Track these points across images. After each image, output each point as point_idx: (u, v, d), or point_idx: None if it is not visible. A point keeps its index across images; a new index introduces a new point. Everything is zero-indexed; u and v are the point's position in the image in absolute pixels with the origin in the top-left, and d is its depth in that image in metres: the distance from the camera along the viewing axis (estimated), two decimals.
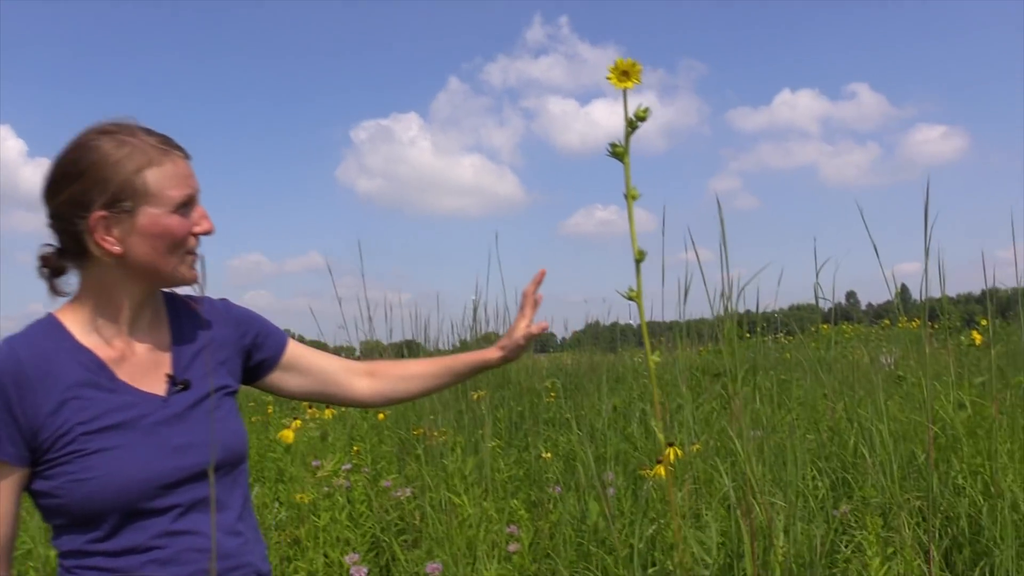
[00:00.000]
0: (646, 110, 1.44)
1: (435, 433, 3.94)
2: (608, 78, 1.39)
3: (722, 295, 2.50)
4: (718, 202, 2.26)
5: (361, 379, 1.47)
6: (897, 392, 3.60)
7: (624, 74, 1.39)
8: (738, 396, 2.44)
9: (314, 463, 3.43)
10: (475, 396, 4.35)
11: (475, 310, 5.41)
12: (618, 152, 1.46)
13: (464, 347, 5.47)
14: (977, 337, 2.96)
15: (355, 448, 3.94)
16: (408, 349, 5.94)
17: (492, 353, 1.52)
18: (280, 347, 1.38)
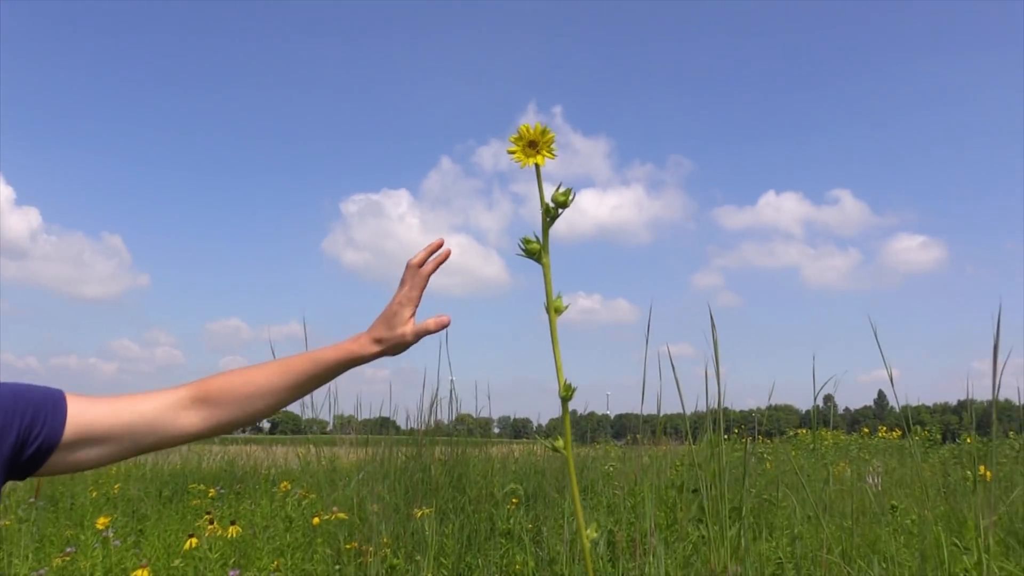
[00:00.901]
0: (567, 192, 1.09)
1: (370, 550, 3.47)
2: (511, 152, 1.05)
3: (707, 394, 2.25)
4: (710, 314, 1.95)
5: (188, 412, 1.12)
6: (892, 523, 3.19)
7: (531, 145, 1.04)
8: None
9: None
10: (418, 514, 3.88)
11: (451, 390, 5.19)
12: (532, 250, 1.11)
13: (439, 430, 5.22)
14: (987, 474, 2.59)
15: (275, 564, 3.44)
16: (382, 427, 5.78)
17: (366, 347, 1.14)
18: (56, 431, 1.05)
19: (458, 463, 4.81)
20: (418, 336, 1.14)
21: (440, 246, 1.16)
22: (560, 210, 1.10)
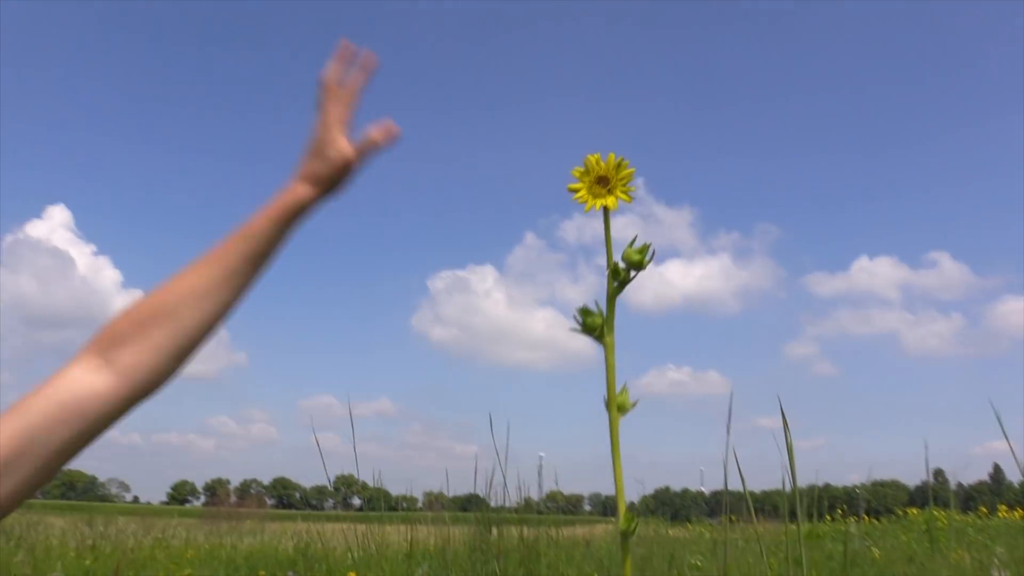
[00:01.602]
0: (644, 249, 0.85)
1: None
2: (575, 190, 0.81)
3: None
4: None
5: (100, 371, 0.76)
6: None
7: (601, 183, 0.80)
8: None
9: None
10: None
11: (540, 468, 5.06)
12: (591, 324, 0.86)
13: (529, 506, 5.04)
14: None
15: None
16: (472, 504, 5.66)
17: (301, 192, 0.86)
18: None
19: (531, 550, 4.50)
20: (363, 153, 0.88)
21: (352, 52, 0.90)
22: (633, 272, 0.85)
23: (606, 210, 0.82)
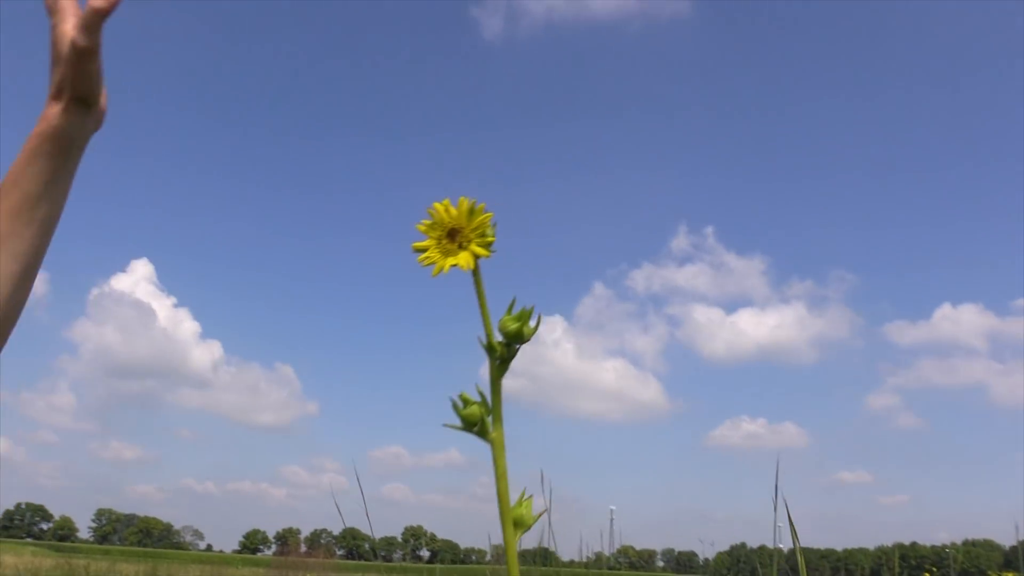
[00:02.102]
0: (522, 316, 0.66)
1: None
2: (420, 249, 0.64)
3: None
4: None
5: None
6: None
7: (452, 236, 0.62)
8: None
9: None
10: None
11: (611, 521, 4.82)
12: (469, 417, 0.68)
13: (600, 561, 4.81)
14: None
15: None
16: (542, 558, 5.56)
17: (53, 115, 0.70)
18: None
19: None
20: (91, 26, 0.68)
21: None
22: (516, 346, 0.66)
23: (475, 270, 0.64)
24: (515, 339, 0.66)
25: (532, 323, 0.66)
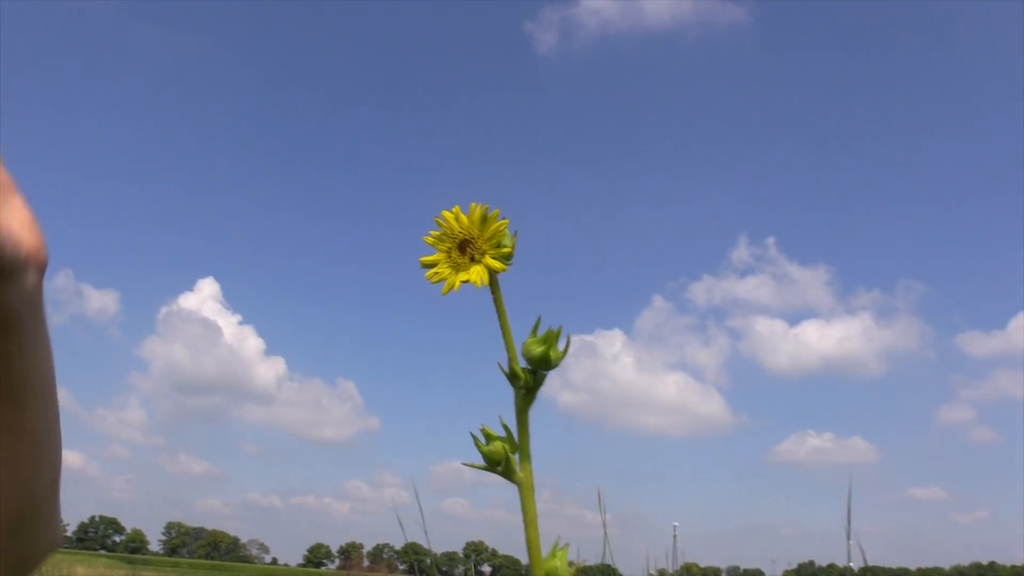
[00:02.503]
0: (552, 337, 0.58)
1: None
2: (428, 264, 0.56)
3: None
4: None
5: None
6: None
7: (463, 249, 0.54)
8: None
9: None
10: None
11: (674, 537, 4.73)
12: (493, 456, 0.61)
13: None
14: None
15: None
16: (603, 575, 5.52)
17: None
18: None
19: None
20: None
21: None
22: (543, 372, 0.57)
23: (494, 286, 0.56)
24: (540, 365, 0.57)
25: (561, 345, 0.58)
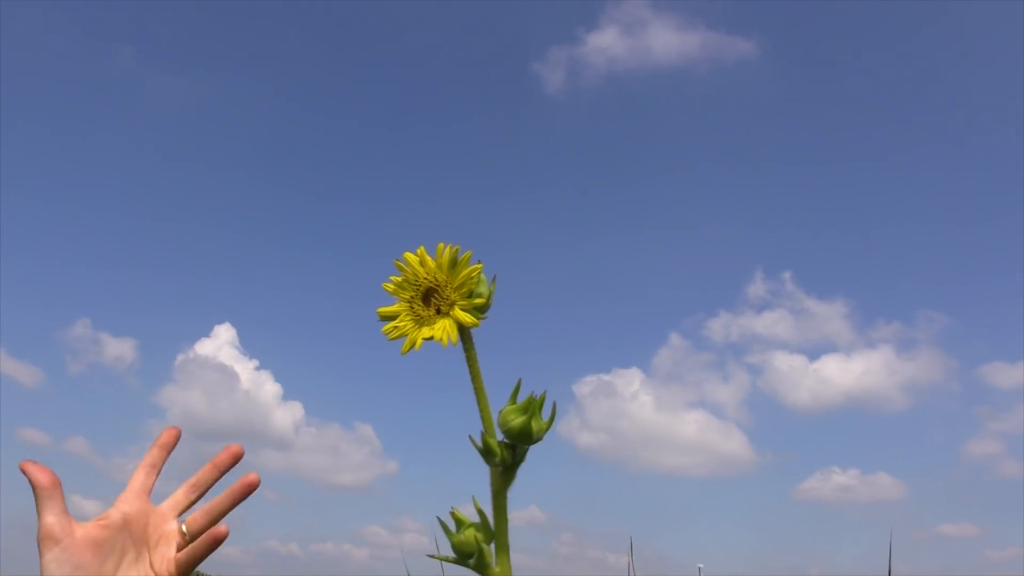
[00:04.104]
0: (534, 404, 0.49)
1: None
2: (386, 317, 0.47)
3: None
4: None
5: None
6: None
7: (427, 300, 0.46)
8: None
9: None
10: None
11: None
12: (466, 546, 0.51)
13: None
14: None
15: None
16: None
17: None
18: None
19: None
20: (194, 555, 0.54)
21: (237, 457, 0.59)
22: (523, 445, 0.48)
23: (466, 342, 0.47)
24: (520, 439, 0.48)
25: (546, 415, 0.49)
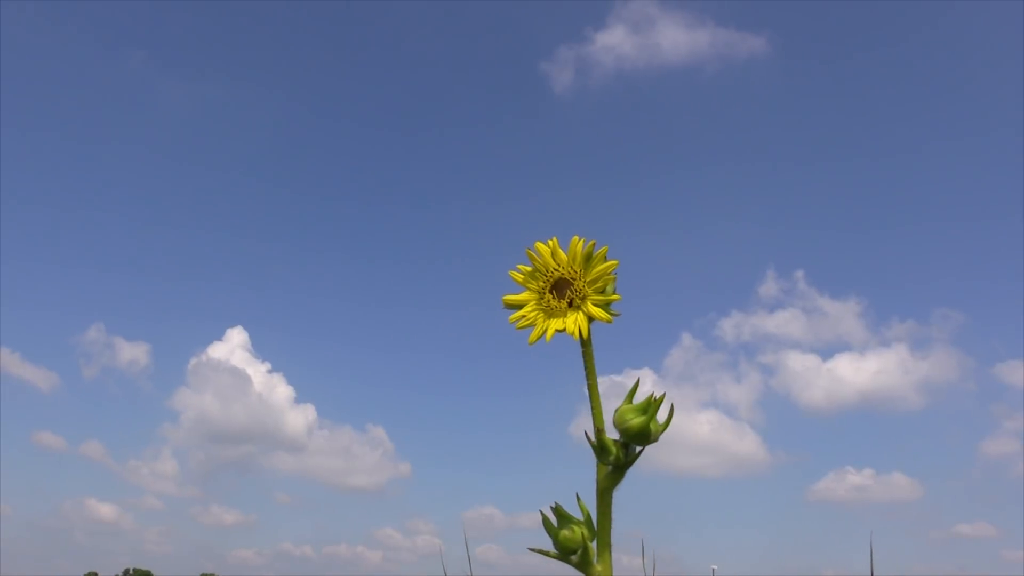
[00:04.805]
0: (652, 405, 0.48)
1: None
2: (513, 306, 0.47)
3: None
4: None
5: None
6: None
7: (559, 290, 0.46)
8: None
9: None
10: None
11: None
12: (570, 543, 0.50)
13: None
14: None
15: None
16: None
17: None
18: None
19: None
20: None
21: None
22: (636, 447, 0.48)
23: (587, 341, 0.47)
24: (638, 439, 0.48)
25: (661, 417, 0.49)
